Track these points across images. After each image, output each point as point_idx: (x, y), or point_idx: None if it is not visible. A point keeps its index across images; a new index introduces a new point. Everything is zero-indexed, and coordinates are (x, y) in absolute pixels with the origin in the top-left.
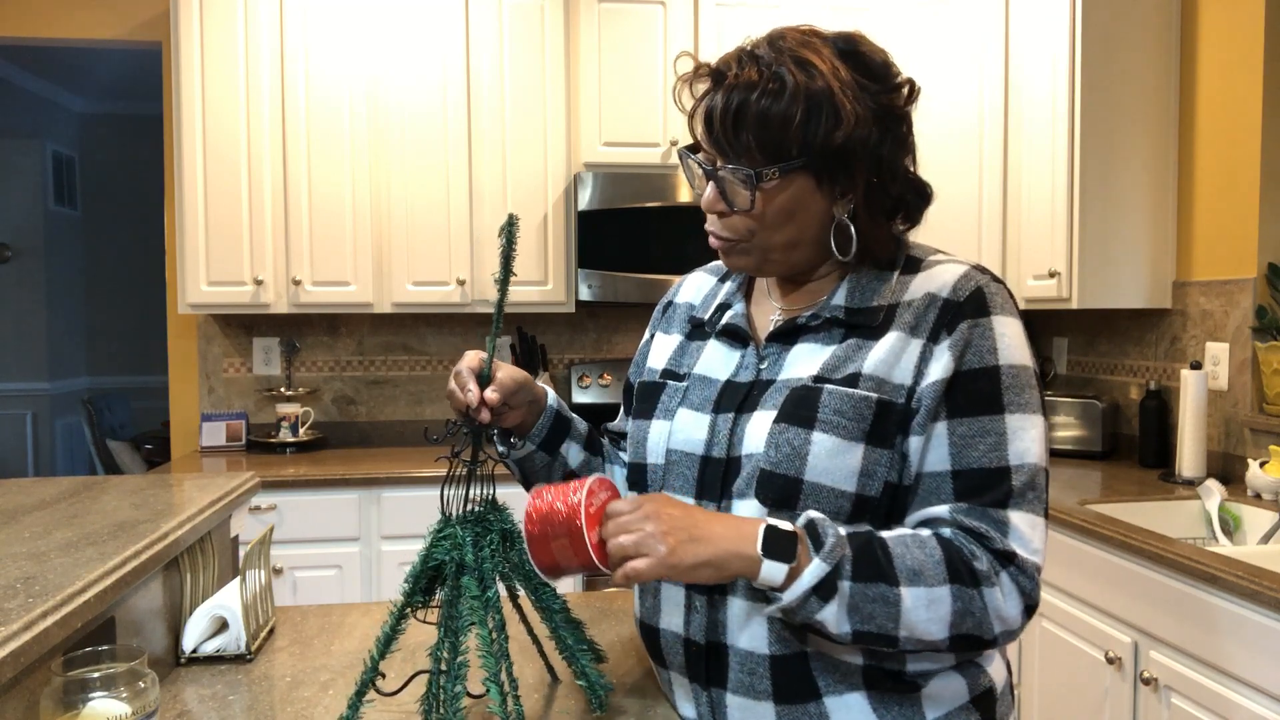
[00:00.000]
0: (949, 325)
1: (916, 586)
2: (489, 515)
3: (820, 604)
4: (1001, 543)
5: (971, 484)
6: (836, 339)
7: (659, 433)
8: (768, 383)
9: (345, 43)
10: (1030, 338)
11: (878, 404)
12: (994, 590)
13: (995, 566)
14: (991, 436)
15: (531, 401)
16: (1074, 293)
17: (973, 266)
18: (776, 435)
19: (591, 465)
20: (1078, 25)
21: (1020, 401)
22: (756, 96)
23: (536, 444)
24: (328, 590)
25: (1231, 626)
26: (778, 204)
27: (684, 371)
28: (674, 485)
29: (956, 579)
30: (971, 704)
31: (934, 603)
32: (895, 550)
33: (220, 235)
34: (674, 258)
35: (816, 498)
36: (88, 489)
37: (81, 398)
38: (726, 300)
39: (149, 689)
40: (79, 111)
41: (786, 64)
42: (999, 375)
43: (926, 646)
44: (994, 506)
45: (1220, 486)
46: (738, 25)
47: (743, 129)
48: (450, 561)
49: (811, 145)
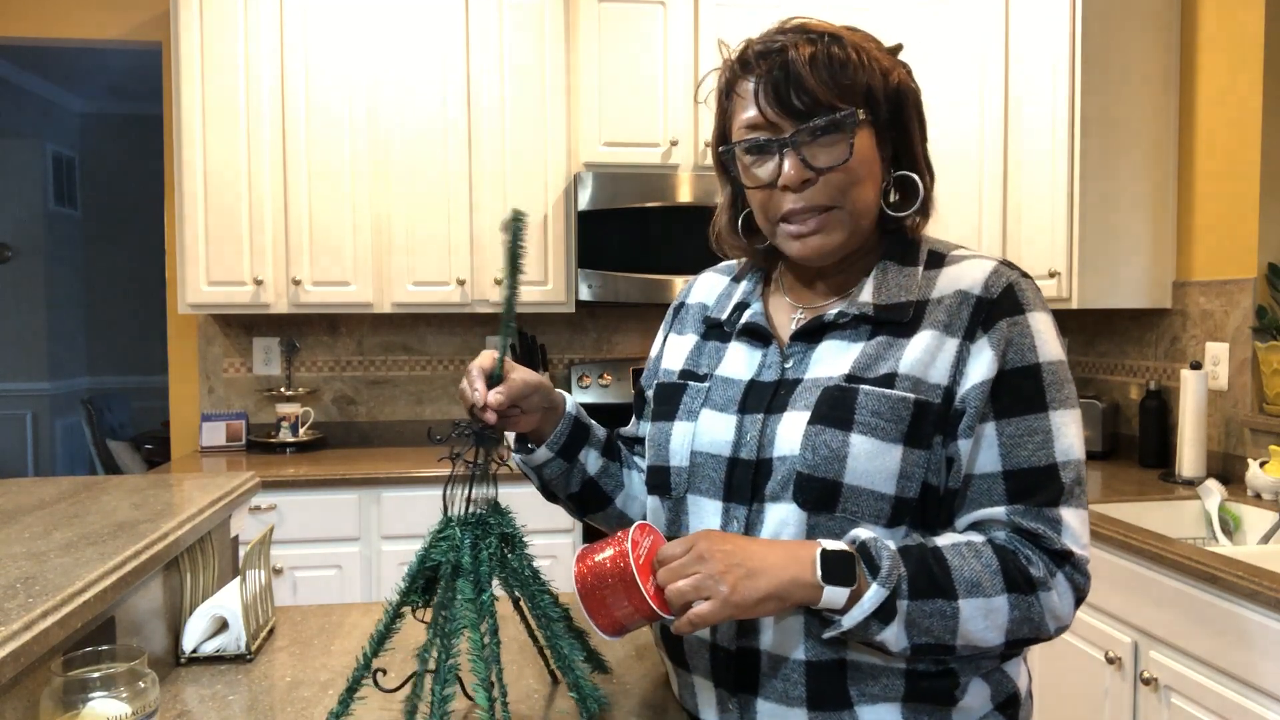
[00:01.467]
0: (985, 323)
1: (974, 598)
2: (490, 518)
3: (881, 626)
4: (1058, 542)
5: (1023, 484)
6: (864, 336)
7: (682, 435)
8: (795, 382)
9: (345, 42)
10: None
11: (915, 405)
12: (1050, 593)
13: (1051, 568)
14: (1039, 435)
15: (549, 409)
16: (1074, 293)
17: (1000, 262)
18: (813, 437)
19: (610, 471)
20: (1078, 25)
21: (1061, 397)
22: (823, 48)
23: (555, 451)
24: (328, 590)
25: (1231, 626)
26: (863, 153)
27: (704, 372)
28: (700, 488)
29: (1014, 587)
30: (997, 710)
31: (992, 612)
32: (952, 562)
33: (220, 235)
34: (674, 258)
35: (856, 501)
36: (88, 489)
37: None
38: (744, 300)
39: (149, 689)
40: (79, 111)
41: (825, 30)
42: (1040, 373)
43: (982, 652)
44: (1048, 506)
45: (1220, 486)
46: (738, 25)
47: (821, 78)
48: (446, 563)
49: (875, 92)
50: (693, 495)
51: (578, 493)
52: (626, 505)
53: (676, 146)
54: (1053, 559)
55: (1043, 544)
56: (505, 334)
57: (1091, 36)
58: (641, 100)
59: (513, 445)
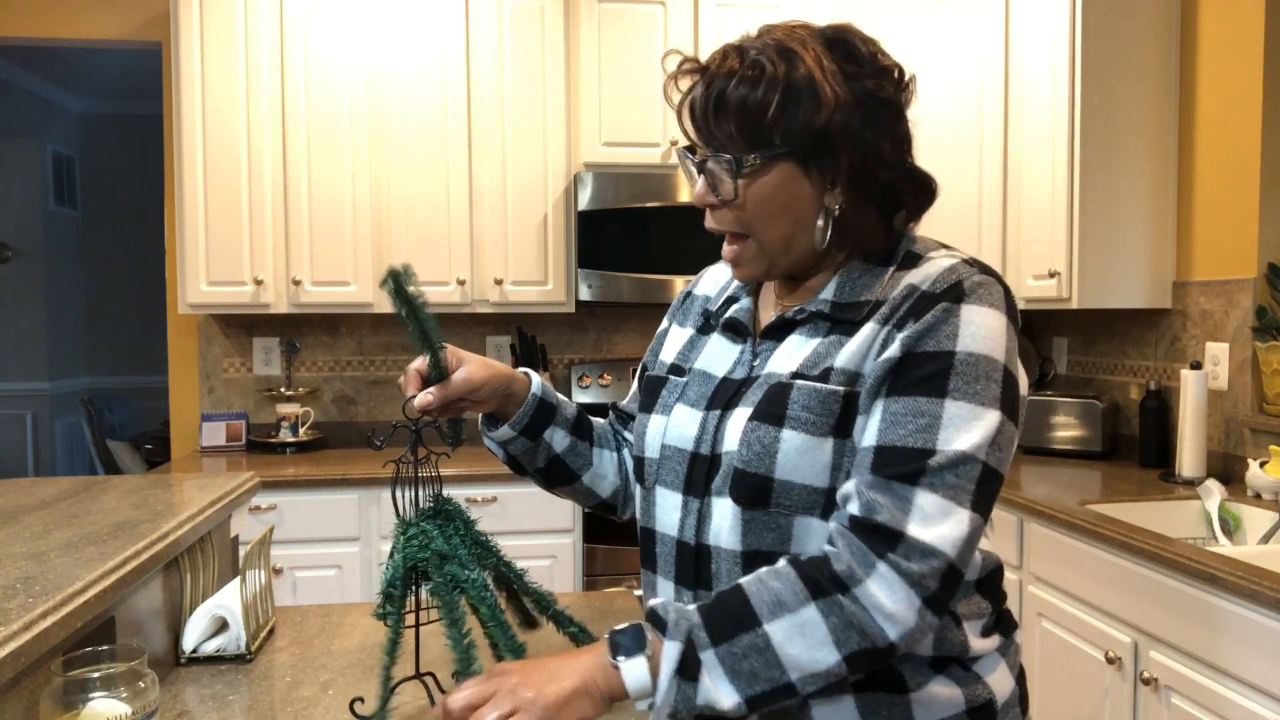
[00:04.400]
0: (917, 314)
1: (779, 617)
2: (446, 507)
3: (693, 685)
4: (890, 517)
5: (886, 459)
6: (821, 333)
7: (656, 428)
8: (755, 379)
9: (345, 44)
10: (1030, 337)
11: (845, 397)
12: (865, 586)
13: (867, 558)
14: (924, 418)
15: (508, 395)
16: (1074, 293)
17: (964, 260)
18: (749, 433)
19: (577, 450)
20: (1078, 26)
21: (970, 391)
22: (735, 84)
23: (517, 431)
24: (328, 590)
25: (1231, 626)
26: (761, 192)
27: (688, 366)
28: (666, 480)
29: (819, 593)
30: (968, 714)
31: (806, 626)
32: (749, 589)
33: (220, 235)
34: (674, 258)
35: (788, 495)
36: (88, 489)
37: (81, 398)
38: (735, 294)
39: (149, 689)
40: (79, 111)
41: (768, 53)
42: (951, 360)
43: (831, 678)
44: (900, 480)
45: (1220, 486)
46: (738, 25)
47: (723, 117)
48: (431, 555)
49: (792, 131)
50: (660, 487)
51: (544, 468)
52: (594, 483)
53: (677, 146)
54: (877, 542)
55: (873, 523)
56: (433, 347)
57: (1092, 36)
58: (641, 100)
59: (480, 423)
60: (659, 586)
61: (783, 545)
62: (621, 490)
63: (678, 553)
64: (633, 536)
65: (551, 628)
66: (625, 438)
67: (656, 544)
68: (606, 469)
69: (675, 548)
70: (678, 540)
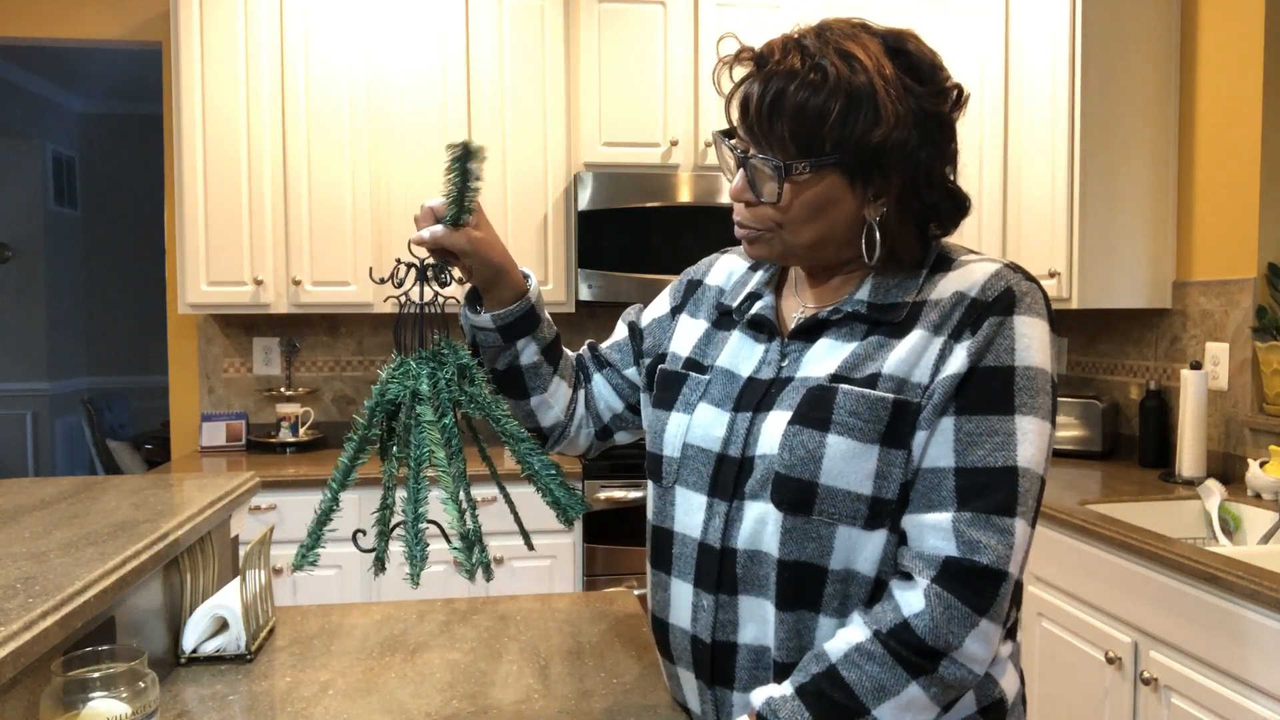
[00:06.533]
0: (974, 324)
1: (885, 701)
2: (444, 349)
3: None
4: (996, 558)
5: (973, 483)
6: (859, 335)
7: (676, 426)
8: (786, 380)
9: (345, 44)
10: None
11: (894, 404)
12: (963, 649)
13: (965, 621)
14: (999, 436)
15: (498, 280)
16: (1074, 293)
17: (1006, 265)
18: (791, 437)
19: (539, 371)
20: (1078, 26)
21: (1033, 405)
22: (795, 87)
23: (495, 325)
24: (328, 590)
25: (1231, 626)
26: (806, 199)
27: (708, 363)
28: (688, 481)
29: (917, 671)
30: (980, 713)
31: (911, 704)
32: (849, 677)
33: (220, 235)
34: (674, 258)
35: (832, 501)
36: (88, 489)
37: (81, 398)
38: (756, 290)
39: (149, 689)
40: (79, 111)
41: (830, 55)
42: (1013, 375)
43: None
44: (1000, 513)
45: (1220, 486)
46: (738, 25)
47: (778, 119)
48: (405, 391)
49: (847, 143)
50: (680, 487)
51: (501, 371)
52: (539, 409)
53: (676, 146)
54: (982, 594)
55: (979, 566)
56: (461, 206)
57: (1092, 37)
58: (641, 100)
59: (463, 298)
60: (673, 588)
61: (823, 557)
62: (560, 426)
63: (700, 555)
64: (633, 537)
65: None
66: (591, 376)
67: (674, 545)
68: (557, 400)
69: (697, 550)
70: (701, 542)
